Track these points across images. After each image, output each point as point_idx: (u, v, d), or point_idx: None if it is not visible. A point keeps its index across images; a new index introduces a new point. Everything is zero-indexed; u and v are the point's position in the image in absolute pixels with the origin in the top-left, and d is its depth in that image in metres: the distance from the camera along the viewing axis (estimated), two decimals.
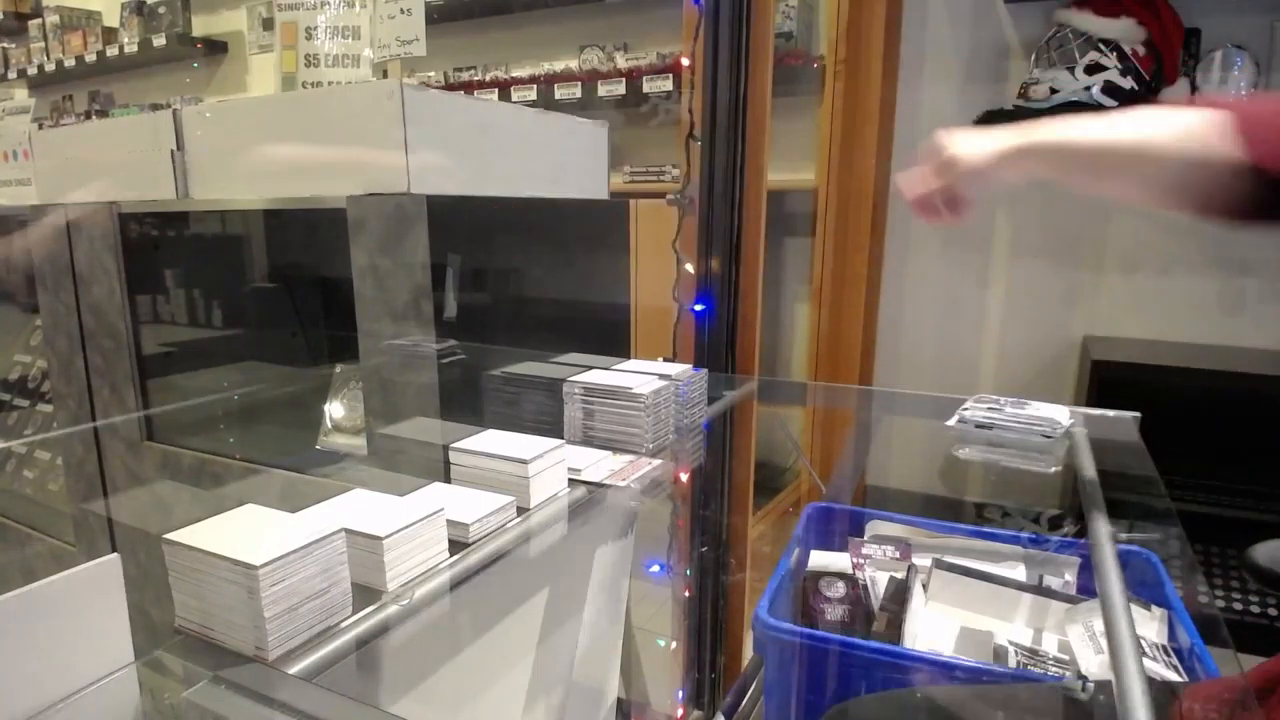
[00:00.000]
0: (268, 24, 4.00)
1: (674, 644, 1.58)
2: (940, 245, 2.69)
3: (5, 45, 4.81)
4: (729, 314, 1.49)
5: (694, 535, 1.55)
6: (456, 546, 0.75)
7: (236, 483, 1.37)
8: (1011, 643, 0.99)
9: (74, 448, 1.63)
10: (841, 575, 1.14)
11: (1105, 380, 2.10)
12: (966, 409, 1.13)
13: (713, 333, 1.49)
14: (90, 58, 4.30)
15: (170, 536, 0.60)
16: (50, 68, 4.49)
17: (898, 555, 1.20)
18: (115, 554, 0.56)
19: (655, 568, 1.52)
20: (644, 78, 2.74)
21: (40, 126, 2.23)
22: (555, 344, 1.31)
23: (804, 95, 2.70)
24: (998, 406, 1.11)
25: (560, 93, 2.89)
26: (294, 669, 0.57)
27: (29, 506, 1.94)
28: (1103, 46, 2.20)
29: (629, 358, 1.21)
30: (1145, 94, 2.20)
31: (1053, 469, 1.00)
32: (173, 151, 1.27)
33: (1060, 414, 1.09)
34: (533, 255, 1.67)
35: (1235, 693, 0.67)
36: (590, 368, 1.11)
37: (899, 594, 1.11)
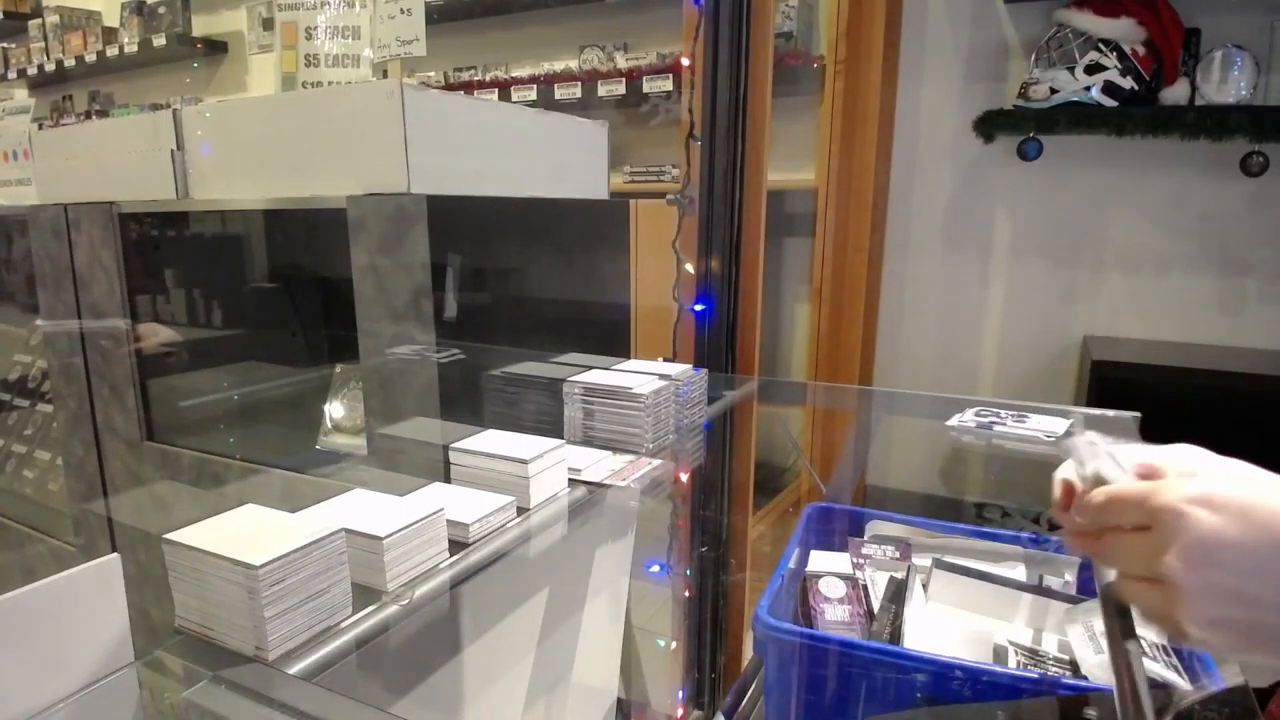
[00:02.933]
0: (268, 24, 4.00)
1: (674, 644, 1.58)
2: (940, 245, 2.69)
3: (5, 45, 4.81)
4: (729, 314, 1.49)
5: (694, 535, 1.55)
6: (456, 546, 0.75)
7: (236, 483, 1.37)
8: (1011, 642, 0.99)
9: (74, 448, 1.63)
10: (841, 575, 1.14)
11: (1105, 380, 2.10)
12: (965, 419, 1.13)
13: (713, 333, 1.48)
14: (90, 58, 4.30)
15: (170, 536, 0.60)
16: (50, 68, 4.49)
17: (898, 555, 1.20)
18: (115, 554, 0.56)
19: (655, 568, 1.52)
20: (644, 78, 2.74)
21: (40, 126, 2.24)
22: (555, 344, 1.31)
23: (804, 95, 2.70)
24: (999, 419, 1.11)
25: (560, 93, 2.89)
26: (294, 669, 0.57)
27: (29, 506, 1.94)
28: (1103, 46, 2.20)
29: (629, 358, 1.21)
30: (1145, 94, 2.20)
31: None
32: (173, 151, 1.27)
33: (1060, 426, 1.09)
34: (533, 255, 1.67)
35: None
36: (590, 368, 1.11)
37: (899, 594, 1.11)
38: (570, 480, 0.92)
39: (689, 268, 1.47)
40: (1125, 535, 0.49)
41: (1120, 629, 0.56)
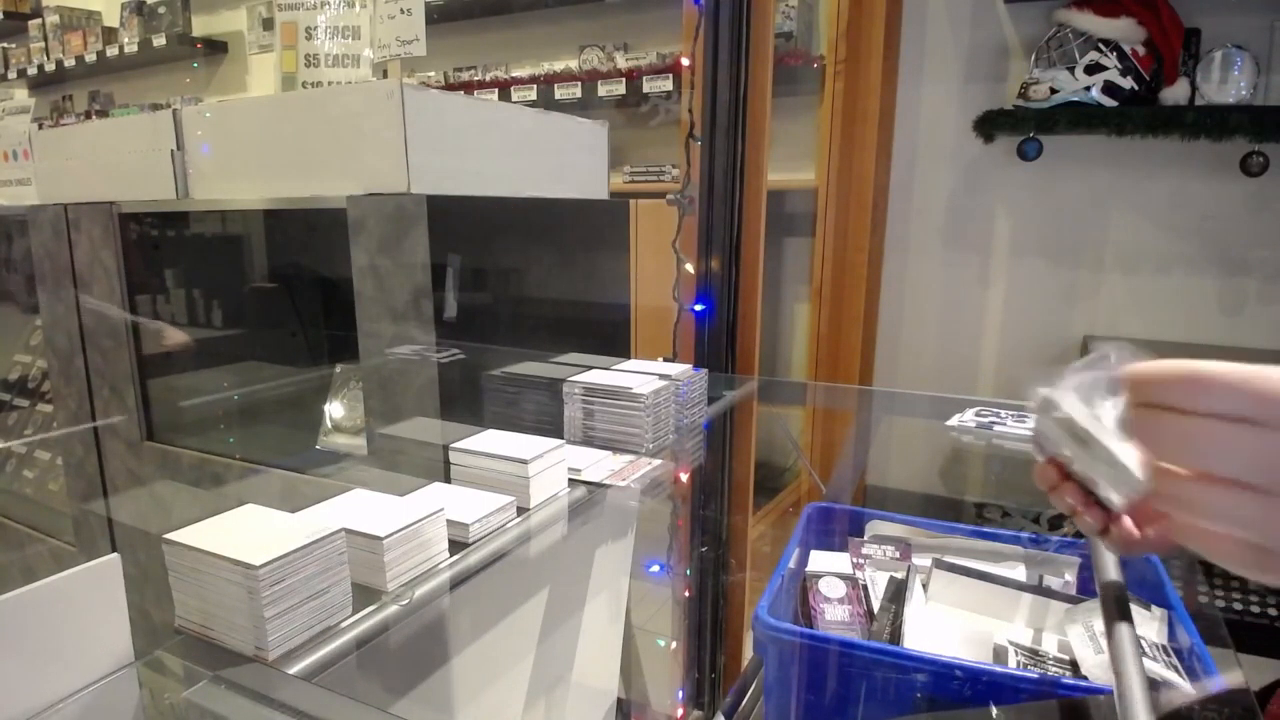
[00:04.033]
0: (268, 24, 4.00)
1: (674, 644, 1.58)
2: (940, 245, 2.69)
3: (5, 45, 4.81)
4: (729, 314, 1.48)
5: (694, 535, 1.55)
6: (456, 546, 0.75)
7: (236, 483, 1.37)
8: (1011, 642, 0.99)
9: (74, 448, 1.63)
10: (841, 575, 1.14)
11: None
12: (965, 419, 1.13)
13: (713, 333, 1.48)
14: (90, 58, 4.30)
15: (170, 536, 0.60)
16: (50, 68, 4.49)
17: (898, 555, 1.20)
18: (115, 554, 0.56)
19: (655, 568, 1.52)
20: (644, 78, 2.74)
21: (40, 126, 2.24)
22: (555, 344, 1.31)
23: (804, 95, 2.70)
24: (999, 419, 1.11)
25: (560, 93, 2.89)
26: (294, 669, 0.57)
27: (29, 506, 1.94)
28: (1103, 46, 2.20)
29: (629, 358, 1.21)
30: (1145, 94, 2.20)
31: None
32: (173, 151, 1.27)
33: None
34: (533, 255, 1.67)
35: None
36: (590, 368, 1.11)
37: (899, 594, 1.11)
38: (570, 480, 0.92)
39: (689, 268, 1.47)
40: (1216, 425, 0.39)
41: (1120, 629, 0.56)
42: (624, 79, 2.78)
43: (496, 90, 3.05)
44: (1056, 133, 2.28)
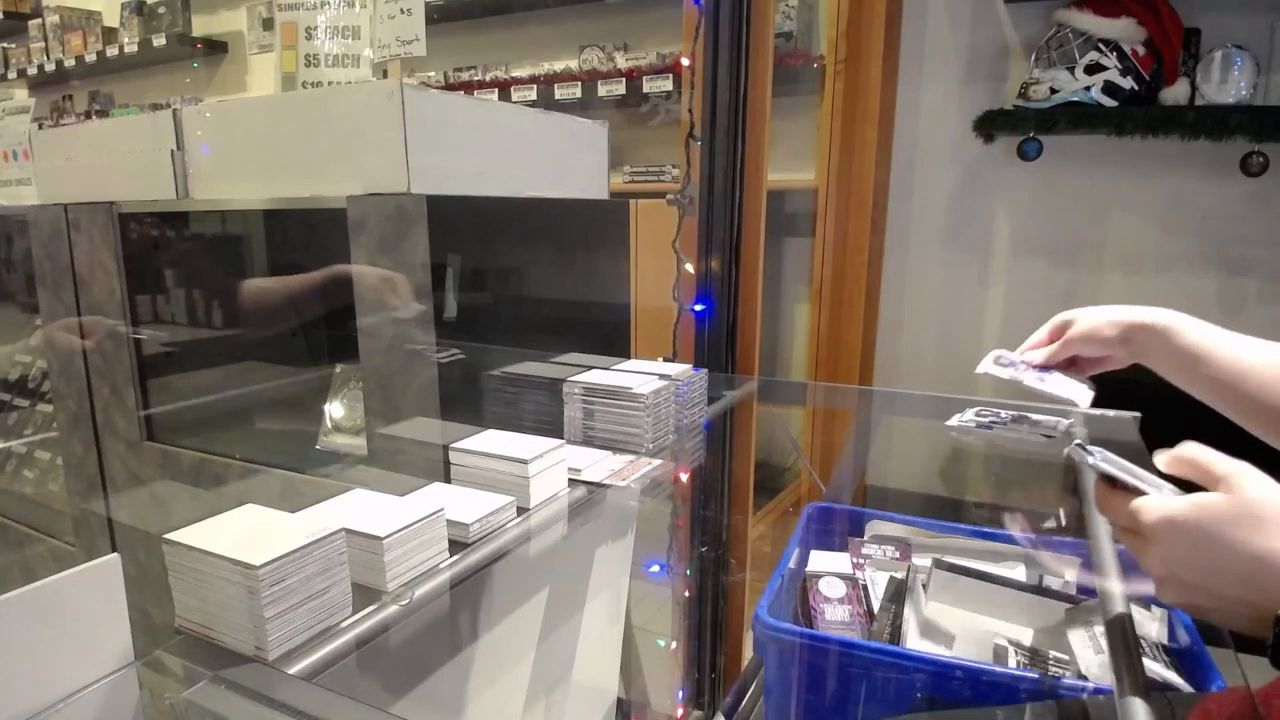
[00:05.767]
0: (268, 24, 4.00)
1: (674, 644, 1.58)
2: (940, 245, 2.69)
3: (5, 45, 4.81)
4: (729, 314, 1.48)
5: (694, 535, 1.55)
6: (456, 546, 0.75)
7: (236, 483, 1.37)
8: (1011, 642, 0.99)
9: (74, 448, 1.63)
10: (841, 575, 1.14)
11: (1104, 380, 2.10)
12: (965, 419, 1.13)
13: (713, 333, 1.48)
14: (90, 58, 4.31)
15: (170, 536, 0.60)
16: (50, 68, 4.49)
17: (898, 555, 1.20)
18: (115, 554, 0.56)
19: (655, 568, 1.52)
20: (644, 78, 2.74)
21: (40, 126, 2.24)
22: (555, 344, 1.31)
23: (804, 95, 2.70)
24: (999, 419, 1.11)
25: (560, 93, 2.90)
26: (294, 669, 0.57)
27: (29, 506, 1.94)
28: (1103, 46, 2.20)
29: (629, 358, 1.21)
30: (1145, 94, 2.20)
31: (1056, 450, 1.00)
32: (173, 151, 1.27)
33: (1060, 426, 1.09)
34: (533, 255, 1.67)
35: (1243, 706, 0.66)
36: (590, 368, 1.11)
37: (899, 594, 1.11)
38: (570, 480, 0.92)
39: (689, 268, 1.47)
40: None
41: (1120, 629, 0.56)
42: (624, 79, 2.78)
43: (496, 90, 3.05)
44: (1056, 133, 2.29)
